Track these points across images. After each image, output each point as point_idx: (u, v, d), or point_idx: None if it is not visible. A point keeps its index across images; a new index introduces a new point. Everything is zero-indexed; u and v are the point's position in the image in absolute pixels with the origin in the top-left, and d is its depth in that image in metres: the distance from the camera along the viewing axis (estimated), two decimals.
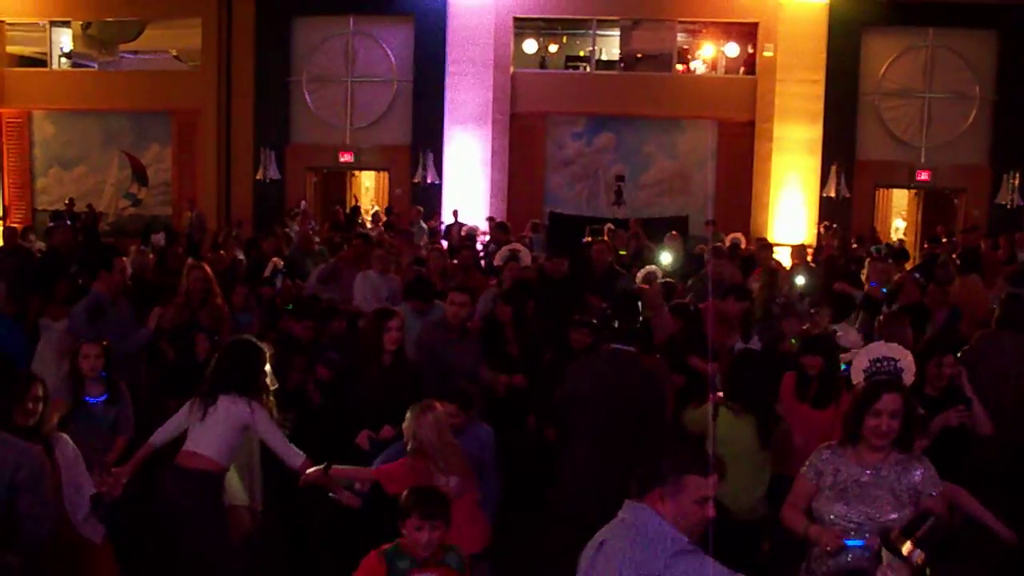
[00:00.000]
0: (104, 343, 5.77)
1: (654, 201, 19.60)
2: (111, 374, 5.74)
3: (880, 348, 5.30)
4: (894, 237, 19.33)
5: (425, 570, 3.88)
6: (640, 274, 9.78)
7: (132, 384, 6.19)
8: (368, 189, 22.02)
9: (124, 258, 8.20)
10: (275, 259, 10.51)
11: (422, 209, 17.37)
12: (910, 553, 3.47)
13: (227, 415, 5.04)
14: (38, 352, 7.44)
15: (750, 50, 19.86)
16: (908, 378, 5.08)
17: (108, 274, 7.00)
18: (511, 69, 19.52)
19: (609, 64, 20.89)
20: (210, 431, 5.04)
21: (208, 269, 7.98)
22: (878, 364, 5.06)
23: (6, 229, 12.96)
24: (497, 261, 10.54)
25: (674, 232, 13.27)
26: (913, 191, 20.17)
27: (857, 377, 5.08)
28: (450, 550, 3.98)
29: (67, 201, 19.97)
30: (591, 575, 3.09)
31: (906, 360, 5.15)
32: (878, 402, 4.04)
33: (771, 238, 16.54)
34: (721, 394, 5.45)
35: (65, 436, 4.78)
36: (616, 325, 5.76)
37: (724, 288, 8.04)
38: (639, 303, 6.02)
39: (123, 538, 5.15)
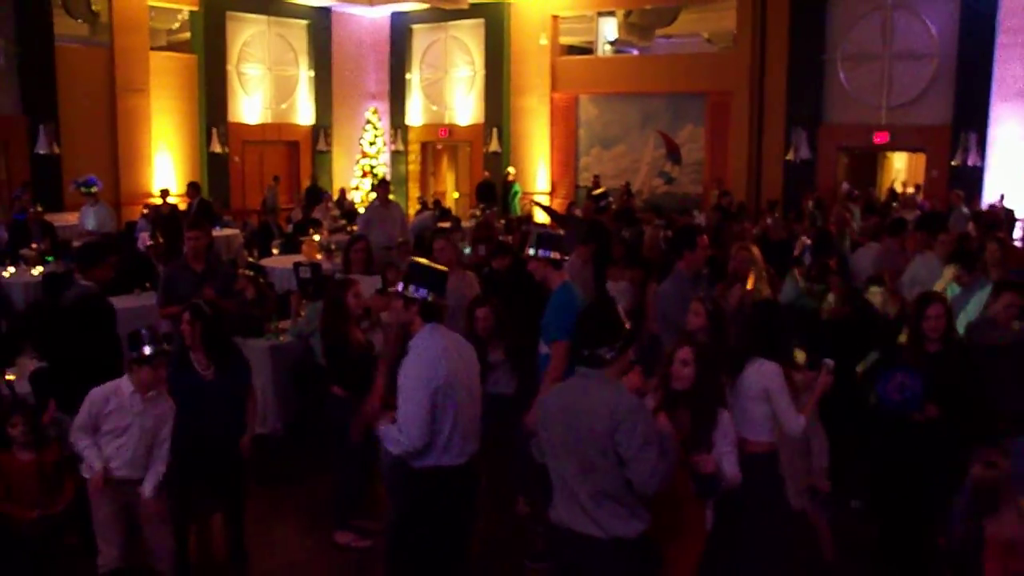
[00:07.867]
0: None
1: None
2: None
3: None
4: None
5: None
6: None
7: None
8: (899, 171, 21.43)
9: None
10: (803, 238, 10.88)
11: (962, 193, 16.63)
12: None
13: (751, 382, 4.87)
14: None
15: None
16: None
17: (691, 252, 7.22)
18: None
19: None
20: (744, 407, 4.87)
21: (756, 250, 8.08)
22: None
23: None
24: None
25: None
26: None
27: None
28: None
29: (593, 177, 21.96)
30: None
31: None
32: None
33: None
34: None
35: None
36: None
37: None
38: None
39: None
